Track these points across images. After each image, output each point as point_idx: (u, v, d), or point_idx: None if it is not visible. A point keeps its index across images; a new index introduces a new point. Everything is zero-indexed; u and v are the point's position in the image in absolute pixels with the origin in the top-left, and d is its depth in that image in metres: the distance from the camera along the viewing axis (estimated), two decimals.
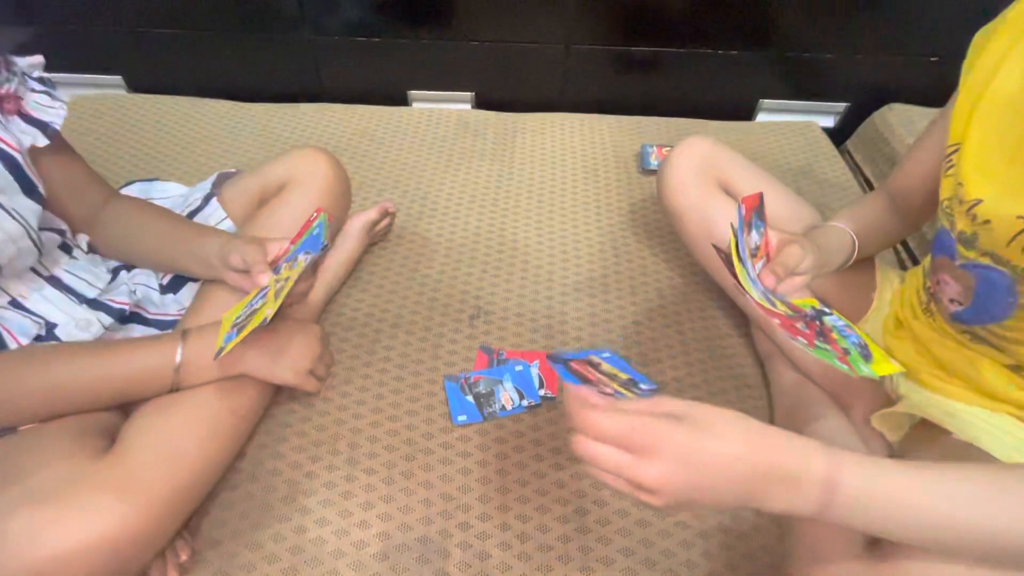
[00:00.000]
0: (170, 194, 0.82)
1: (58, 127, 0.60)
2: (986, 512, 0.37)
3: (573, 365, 0.57)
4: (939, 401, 0.59)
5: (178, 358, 0.54)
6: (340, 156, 0.81)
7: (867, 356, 0.52)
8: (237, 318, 0.53)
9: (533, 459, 0.63)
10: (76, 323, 0.58)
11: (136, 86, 1.26)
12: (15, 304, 0.57)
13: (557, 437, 0.65)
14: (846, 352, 0.51)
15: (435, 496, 0.59)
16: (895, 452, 0.61)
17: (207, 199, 0.76)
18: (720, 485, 0.36)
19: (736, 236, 0.54)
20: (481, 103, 1.27)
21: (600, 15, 1.17)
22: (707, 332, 0.79)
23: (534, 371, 0.71)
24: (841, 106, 1.26)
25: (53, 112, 0.60)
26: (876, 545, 0.45)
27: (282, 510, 0.57)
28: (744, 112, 1.28)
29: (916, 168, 0.65)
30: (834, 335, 0.54)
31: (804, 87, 1.25)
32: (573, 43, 1.19)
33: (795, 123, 1.21)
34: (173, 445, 0.49)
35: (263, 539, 0.55)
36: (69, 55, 1.22)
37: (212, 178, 0.81)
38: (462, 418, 0.66)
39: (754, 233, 0.57)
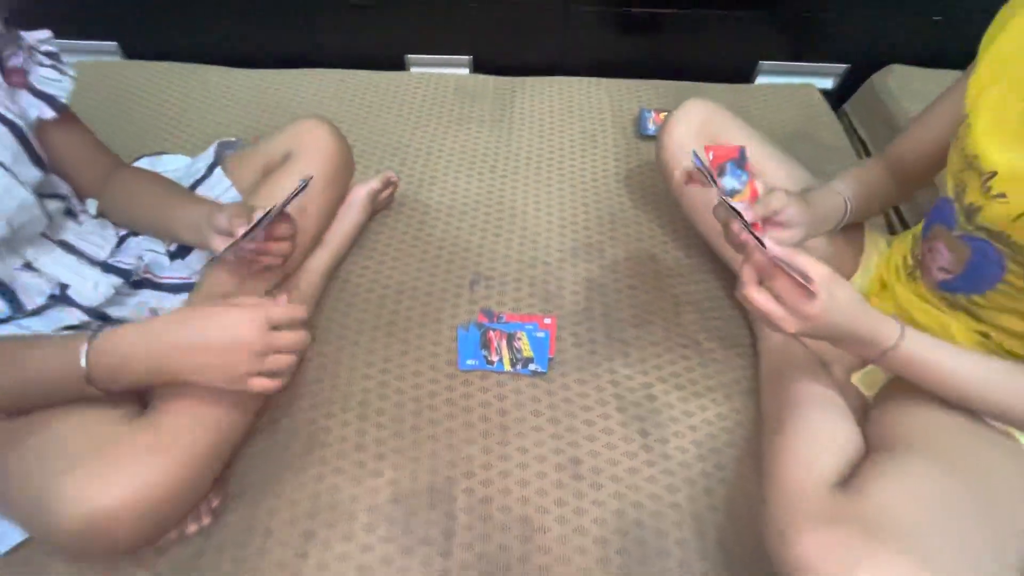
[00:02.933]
0: (175, 166, 0.83)
1: (64, 100, 0.62)
2: (1010, 388, 0.50)
3: (491, 332, 0.71)
4: None
5: (83, 362, 0.47)
6: (338, 123, 0.82)
7: None
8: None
9: (532, 414, 0.67)
10: (87, 284, 0.61)
11: (132, 52, 1.25)
12: (28, 267, 0.60)
13: (553, 398, 0.69)
14: None
15: (441, 448, 0.64)
16: (870, 406, 0.65)
17: (211, 168, 0.78)
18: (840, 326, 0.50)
19: (697, 162, 0.56)
20: (479, 67, 1.26)
21: None
22: (699, 295, 0.82)
23: (549, 339, 0.74)
24: (841, 67, 1.25)
25: (59, 85, 0.62)
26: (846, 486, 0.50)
27: (301, 461, 0.62)
28: (744, 74, 1.27)
29: (924, 135, 0.65)
30: None
31: (804, 48, 1.24)
32: (573, 3, 1.18)
33: (793, 86, 1.20)
34: (204, 410, 0.53)
35: (284, 487, 0.60)
36: (63, 19, 1.21)
37: (213, 147, 0.83)
38: (470, 362, 0.71)
39: (729, 177, 0.59)
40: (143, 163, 0.84)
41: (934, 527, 0.45)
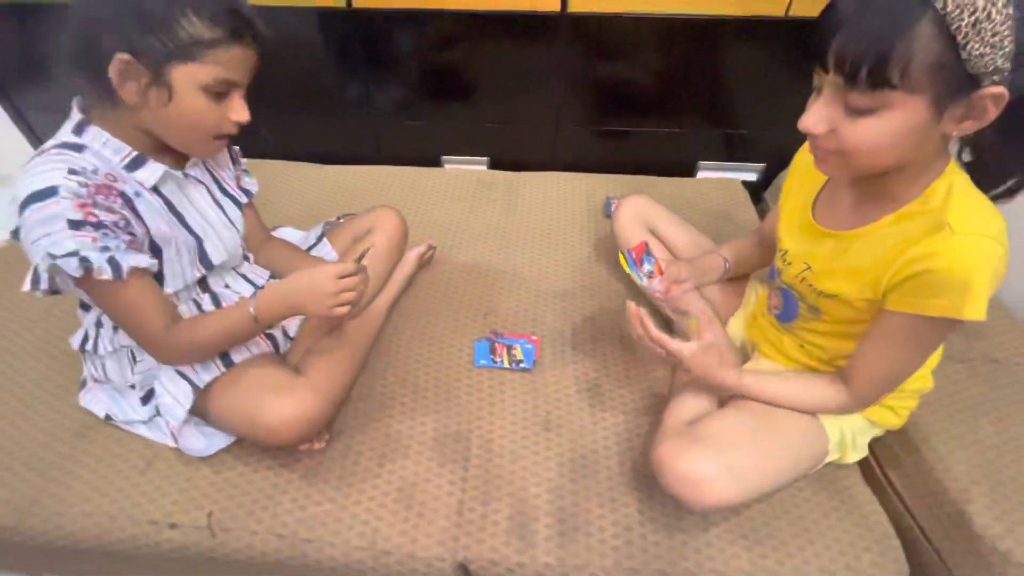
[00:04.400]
0: (289, 234, 1.27)
1: (254, 194, 1.07)
2: (791, 393, 0.86)
3: (496, 344, 1.04)
4: (767, 361, 1.00)
5: (251, 310, 0.83)
6: (393, 204, 1.26)
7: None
8: None
9: (520, 393, 1.06)
10: None
11: (245, 153, 1.75)
12: (226, 287, 1.01)
13: (535, 385, 1.08)
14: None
15: (462, 411, 1.02)
16: None
17: (319, 238, 1.22)
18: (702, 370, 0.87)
19: (627, 263, 0.97)
20: (494, 165, 1.73)
21: (582, 102, 1.63)
22: None
23: (535, 349, 1.13)
24: (760, 166, 1.69)
25: (252, 185, 1.07)
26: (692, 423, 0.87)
27: (377, 415, 1.01)
28: (687, 170, 1.72)
29: (773, 221, 1.04)
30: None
31: (733, 151, 1.69)
32: (561, 122, 1.65)
33: (722, 179, 1.64)
34: (333, 371, 0.94)
35: (367, 429, 0.98)
36: None
37: (321, 224, 1.27)
38: (482, 362, 1.09)
39: (646, 264, 1.00)
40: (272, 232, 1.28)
41: (729, 439, 0.81)
